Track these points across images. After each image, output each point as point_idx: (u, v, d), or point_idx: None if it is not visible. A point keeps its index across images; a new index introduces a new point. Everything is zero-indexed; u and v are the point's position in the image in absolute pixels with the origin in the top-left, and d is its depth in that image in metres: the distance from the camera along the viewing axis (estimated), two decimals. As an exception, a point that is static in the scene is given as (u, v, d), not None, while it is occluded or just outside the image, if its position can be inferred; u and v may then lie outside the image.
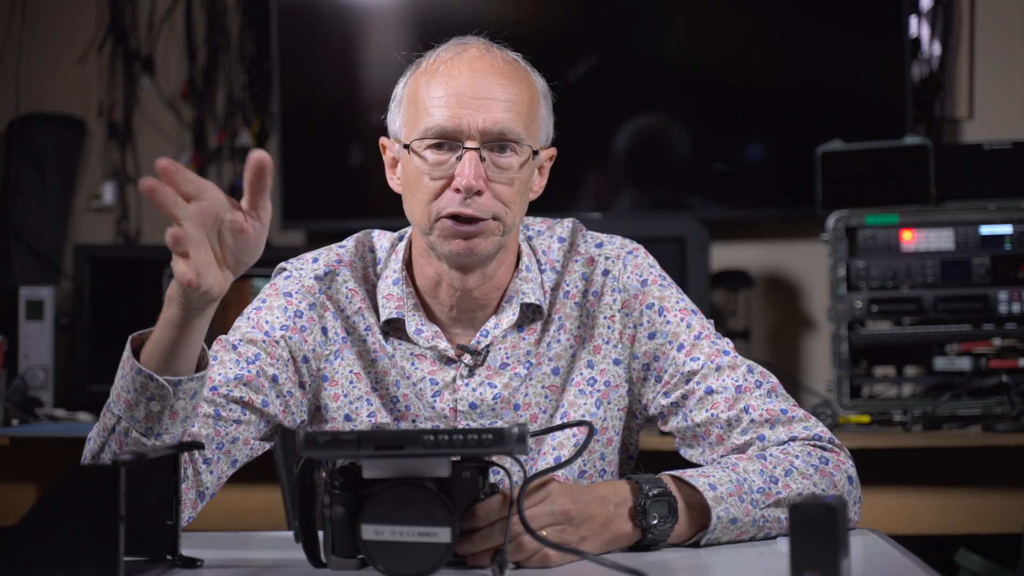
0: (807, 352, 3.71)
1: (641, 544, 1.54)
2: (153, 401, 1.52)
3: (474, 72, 1.70)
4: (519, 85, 1.72)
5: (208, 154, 3.96)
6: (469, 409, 1.76)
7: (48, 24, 4.02)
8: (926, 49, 3.59)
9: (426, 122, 1.70)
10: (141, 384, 1.51)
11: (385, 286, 1.80)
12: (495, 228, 1.70)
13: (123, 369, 1.54)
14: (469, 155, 1.68)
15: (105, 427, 1.57)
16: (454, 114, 1.68)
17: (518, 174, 1.71)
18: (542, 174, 1.80)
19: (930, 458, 2.89)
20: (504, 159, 1.70)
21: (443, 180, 1.69)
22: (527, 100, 1.72)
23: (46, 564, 1.27)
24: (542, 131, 1.76)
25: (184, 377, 1.52)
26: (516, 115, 1.70)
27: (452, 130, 1.68)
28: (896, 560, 1.49)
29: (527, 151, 1.71)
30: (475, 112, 1.68)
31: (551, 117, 1.79)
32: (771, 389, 1.74)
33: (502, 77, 1.71)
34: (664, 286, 1.81)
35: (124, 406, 1.54)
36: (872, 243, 3.05)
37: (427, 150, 1.70)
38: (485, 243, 1.70)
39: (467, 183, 1.67)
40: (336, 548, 1.40)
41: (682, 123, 3.66)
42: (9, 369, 3.29)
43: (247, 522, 2.94)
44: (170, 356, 1.51)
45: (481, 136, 1.68)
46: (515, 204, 1.71)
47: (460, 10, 3.67)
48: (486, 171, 1.69)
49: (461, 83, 1.69)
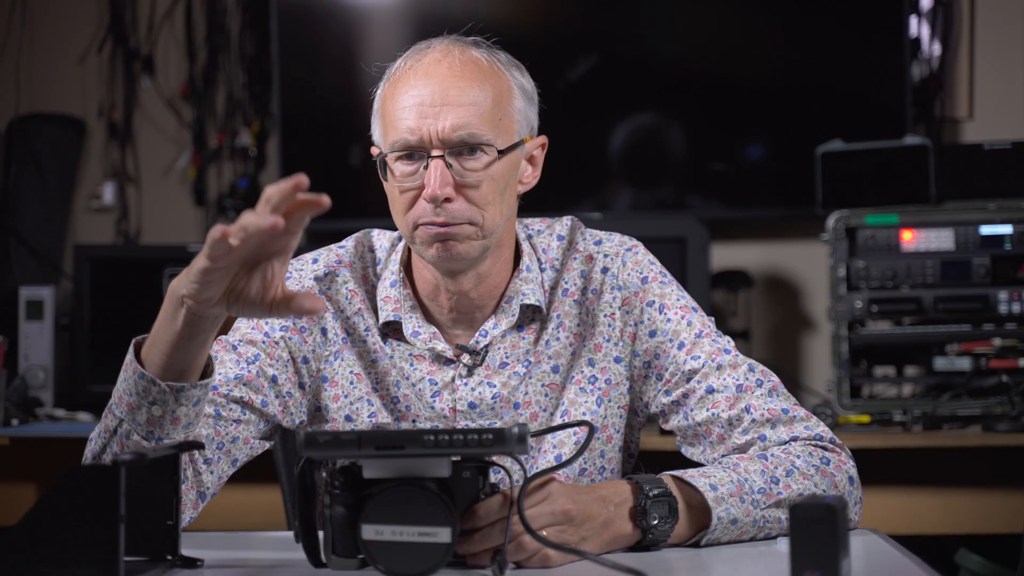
0: (807, 352, 3.71)
1: (641, 544, 1.54)
2: (155, 406, 1.52)
3: (429, 79, 1.69)
4: (481, 84, 1.70)
5: (208, 154, 3.96)
6: (468, 409, 1.76)
7: (48, 24, 4.02)
8: (926, 49, 3.59)
9: (392, 136, 1.70)
10: (143, 388, 1.51)
11: (383, 288, 1.80)
12: (472, 232, 1.69)
13: (125, 372, 1.54)
14: (434, 164, 1.67)
15: (107, 429, 1.57)
16: (416, 125, 1.68)
17: (489, 172, 1.69)
18: (534, 164, 1.79)
19: (930, 458, 2.89)
20: (470, 162, 1.69)
21: (414, 191, 1.69)
22: (491, 98, 1.70)
23: (46, 564, 1.27)
24: (518, 124, 1.74)
25: (187, 384, 1.52)
26: (478, 116, 1.69)
27: (415, 142, 1.68)
28: (896, 560, 1.49)
29: (494, 151, 1.70)
30: (435, 120, 1.68)
31: (532, 107, 1.77)
32: (772, 388, 1.74)
33: (461, 80, 1.70)
34: (665, 283, 1.81)
35: (126, 409, 1.54)
36: (872, 243, 3.05)
37: (397, 162, 1.71)
38: (462, 247, 1.69)
39: (432, 192, 1.67)
40: (336, 548, 1.40)
41: (682, 123, 3.66)
42: (9, 369, 3.29)
43: (247, 522, 2.94)
44: (174, 361, 1.51)
45: (443, 144, 1.68)
46: (492, 205, 1.70)
47: (460, 10, 3.67)
48: (455, 176, 1.68)
49: (421, 92, 1.69)
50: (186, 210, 3.98)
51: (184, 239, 3.89)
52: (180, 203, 3.99)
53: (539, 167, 1.80)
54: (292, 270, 1.82)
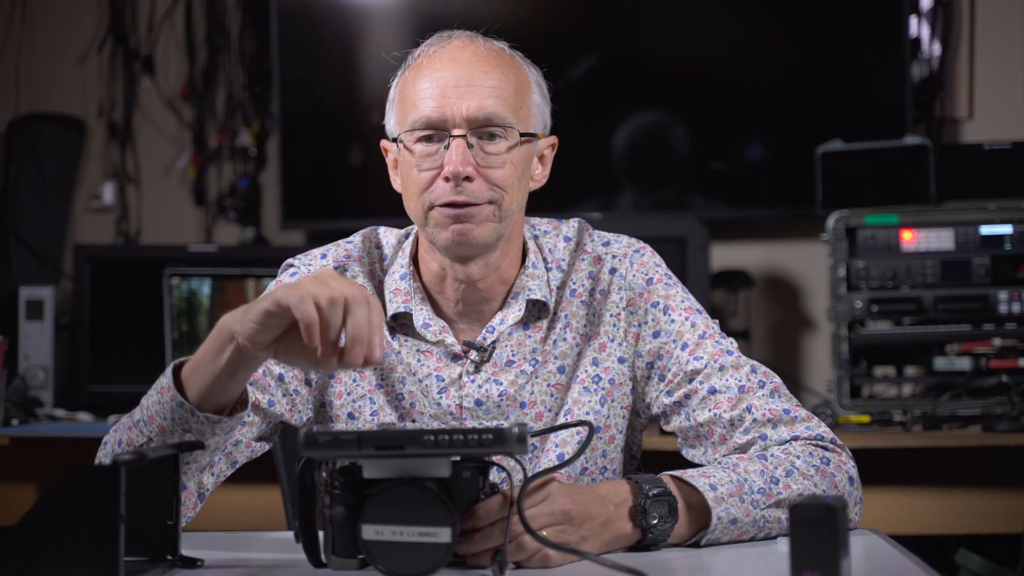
0: (807, 352, 3.71)
1: (641, 544, 1.54)
2: (189, 433, 1.53)
3: (456, 62, 1.71)
4: (504, 72, 1.72)
5: (208, 154, 3.96)
6: (475, 406, 1.76)
7: (48, 24, 4.02)
8: (926, 49, 3.59)
9: (413, 115, 1.70)
10: (181, 416, 1.52)
11: (392, 281, 1.79)
12: (491, 213, 1.69)
13: (162, 395, 1.54)
14: (456, 142, 1.68)
15: (131, 442, 1.58)
16: (439, 104, 1.68)
17: (509, 157, 1.70)
18: (543, 163, 1.80)
19: (930, 458, 2.89)
20: (493, 144, 1.70)
21: (433, 170, 1.69)
22: (513, 86, 1.72)
23: (46, 564, 1.27)
24: (535, 118, 1.75)
25: (224, 418, 1.53)
26: (501, 100, 1.70)
27: (438, 120, 1.69)
28: (896, 560, 1.49)
29: (516, 135, 1.71)
30: (459, 100, 1.68)
31: (547, 105, 1.78)
32: (774, 389, 1.74)
33: (486, 64, 1.71)
34: (669, 285, 1.81)
35: (157, 430, 1.54)
36: (872, 243, 3.05)
37: (416, 143, 1.70)
38: (480, 229, 1.69)
39: (454, 169, 1.67)
40: (336, 548, 1.40)
41: (682, 123, 3.66)
42: (9, 369, 3.29)
43: (247, 522, 2.94)
44: (213, 393, 1.52)
45: (467, 123, 1.68)
46: (512, 188, 1.71)
47: (460, 10, 3.67)
48: (475, 158, 1.68)
49: (444, 74, 1.70)
50: (186, 210, 3.98)
51: (184, 239, 3.90)
52: (180, 203, 3.99)
53: (548, 167, 1.81)
54: (300, 264, 1.82)
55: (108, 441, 1.63)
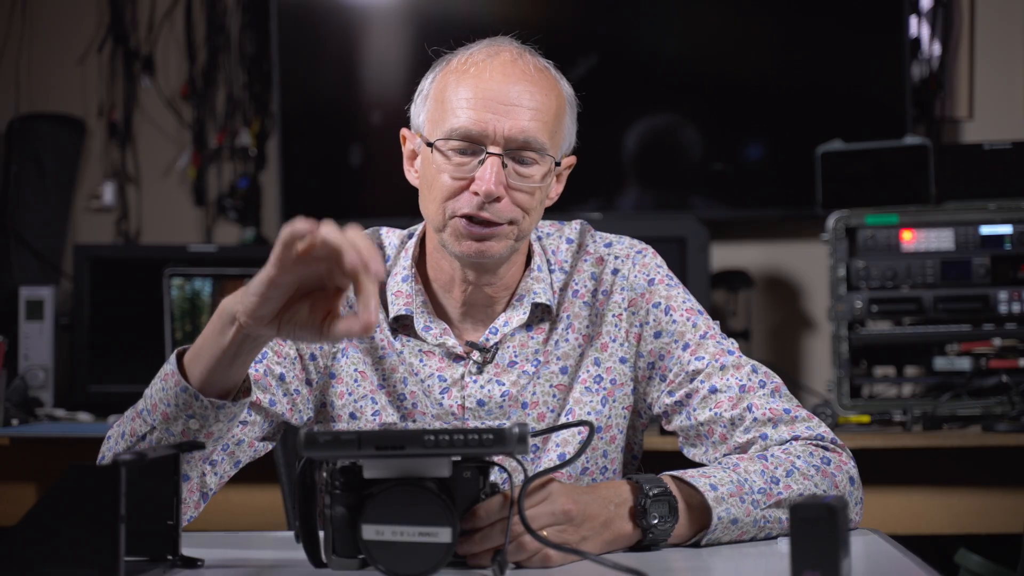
0: (807, 352, 3.71)
1: (641, 544, 1.54)
2: (193, 419, 1.53)
3: (505, 77, 1.69)
4: (548, 94, 1.71)
5: (208, 154, 3.96)
6: (477, 406, 1.76)
7: (48, 24, 4.02)
8: (926, 49, 3.59)
9: (452, 122, 1.68)
10: (184, 401, 1.52)
11: (394, 283, 1.79)
12: (510, 232, 1.70)
13: (165, 382, 1.54)
14: (491, 160, 1.67)
15: (134, 432, 1.57)
16: (480, 118, 1.67)
17: (539, 184, 1.70)
18: (559, 181, 1.80)
19: (930, 458, 2.89)
20: (526, 169, 1.69)
21: (463, 181, 1.68)
22: (554, 110, 1.71)
23: (46, 564, 1.27)
24: (565, 140, 1.76)
25: (228, 402, 1.53)
26: (542, 124, 1.69)
27: (477, 134, 1.67)
28: (896, 560, 1.49)
29: (549, 162, 1.71)
30: (502, 118, 1.67)
31: (575, 126, 1.78)
32: (775, 389, 1.74)
33: (532, 84, 1.69)
34: (671, 286, 1.81)
35: (160, 418, 1.54)
36: (872, 243, 3.05)
37: (450, 150, 1.69)
38: (498, 246, 1.69)
39: (487, 188, 1.66)
40: (337, 548, 1.40)
41: (682, 123, 3.66)
42: (9, 369, 3.29)
43: (247, 522, 2.94)
44: (216, 377, 1.51)
45: (506, 143, 1.67)
46: (533, 211, 1.71)
47: (460, 10, 3.66)
48: (507, 178, 1.68)
49: (490, 87, 1.68)
50: (186, 210, 3.98)
51: (184, 239, 3.90)
52: (180, 203, 3.99)
53: (563, 185, 1.81)
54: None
55: (111, 435, 1.63)
